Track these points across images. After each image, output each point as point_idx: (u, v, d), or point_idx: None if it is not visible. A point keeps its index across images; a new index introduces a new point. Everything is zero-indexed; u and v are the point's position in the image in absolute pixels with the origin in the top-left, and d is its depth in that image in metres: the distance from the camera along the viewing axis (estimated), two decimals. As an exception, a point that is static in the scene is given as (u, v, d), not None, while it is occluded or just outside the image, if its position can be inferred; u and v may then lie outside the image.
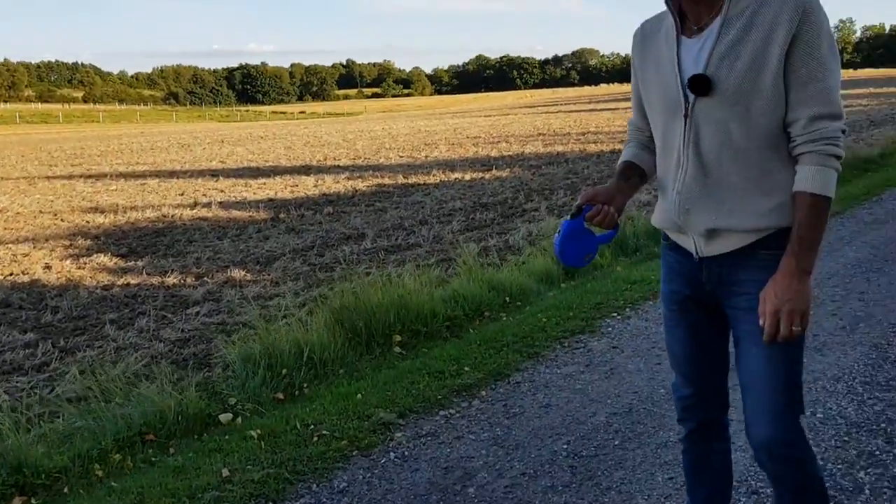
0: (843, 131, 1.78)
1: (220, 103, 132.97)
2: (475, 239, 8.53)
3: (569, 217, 1.95)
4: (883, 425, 3.14)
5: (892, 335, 4.18)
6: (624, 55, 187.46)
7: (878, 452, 2.92)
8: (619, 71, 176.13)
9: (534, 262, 6.23)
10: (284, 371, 4.08)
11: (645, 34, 2.00)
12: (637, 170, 2.07)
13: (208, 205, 12.69)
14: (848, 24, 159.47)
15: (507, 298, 5.26)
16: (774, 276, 1.75)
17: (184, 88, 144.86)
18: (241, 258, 8.40)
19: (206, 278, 7.55)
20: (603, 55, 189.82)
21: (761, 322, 1.74)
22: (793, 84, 1.73)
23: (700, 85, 1.77)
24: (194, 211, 12.14)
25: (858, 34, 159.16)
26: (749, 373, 1.86)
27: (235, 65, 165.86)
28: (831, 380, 3.63)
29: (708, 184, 1.84)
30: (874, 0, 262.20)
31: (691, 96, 1.80)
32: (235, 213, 11.64)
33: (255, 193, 14.04)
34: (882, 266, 5.58)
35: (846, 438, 3.04)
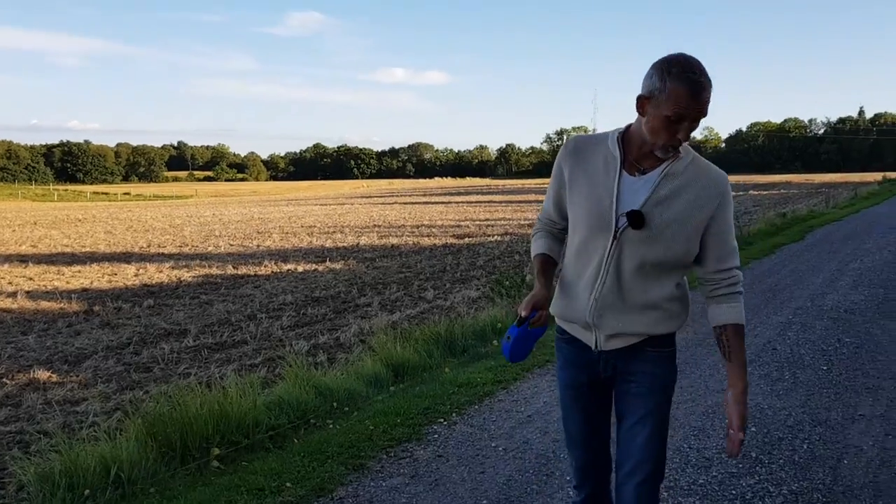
0: (742, 282, 2.30)
1: (37, 181, 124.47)
2: (305, 336, 8.38)
3: (515, 324, 2.24)
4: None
5: (692, 438, 4.47)
6: (457, 151, 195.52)
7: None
8: (452, 165, 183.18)
9: (363, 363, 6.18)
10: (87, 492, 3.73)
11: (578, 147, 2.31)
12: (552, 262, 2.40)
13: (13, 294, 11.68)
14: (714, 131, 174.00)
15: (335, 404, 5.15)
16: (734, 398, 2.20)
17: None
18: (48, 356, 7.74)
19: (4, 379, 6.88)
20: (437, 150, 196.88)
21: (733, 441, 2.18)
22: (712, 242, 2.21)
23: (637, 220, 2.13)
24: (-4, 301, 11.12)
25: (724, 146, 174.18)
26: (633, 446, 2.25)
27: (55, 141, 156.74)
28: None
29: (621, 296, 2.21)
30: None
31: (623, 224, 2.15)
32: (44, 305, 10.78)
33: (68, 282, 13.11)
34: (683, 368, 5.99)
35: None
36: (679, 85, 1.99)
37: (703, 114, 2.04)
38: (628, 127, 2.23)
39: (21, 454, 4.60)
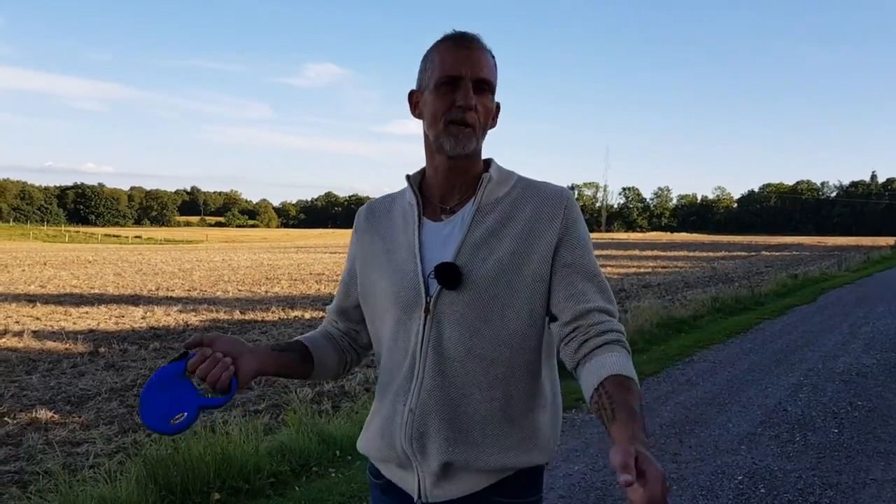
0: (621, 331, 1.50)
1: (49, 222, 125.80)
2: (310, 383, 8.32)
3: (167, 361, 1.49)
4: None
5: (700, 498, 4.39)
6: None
7: None
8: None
9: (368, 412, 6.12)
10: (84, 534, 3.68)
11: (371, 213, 1.71)
12: (302, 351, 1.64)
13: (20, 333, 11.67)
14: (665, 192, 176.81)
15: (338, 452, 5.10)
16: (643, 456, 1.28)
17: (9, 204, 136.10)
18: (51, 396, 7.70)
19: (6, 418, 6.83)
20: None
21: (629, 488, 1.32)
22: (560, 280, 1.49)
23: (448, 275, 1.48)
24: (3, 340, 11.11)
25: (675, 201, 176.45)
26: None
27: (70, 183, 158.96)
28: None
29: (449, 400, 1.49)
30: (687, 172, 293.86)
31: (435, 288, 1.50)
32: (50, 345, 10.77)
33: (74, 323, 13.11)
34: (693, 427, 5.92)
35: None
36: (440, 44, 1.53)
37: (481, 71, 1.50)
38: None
39: (20, 493, 4.54)
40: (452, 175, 1.57)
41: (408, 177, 1.64)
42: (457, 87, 1.49)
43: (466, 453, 1.47)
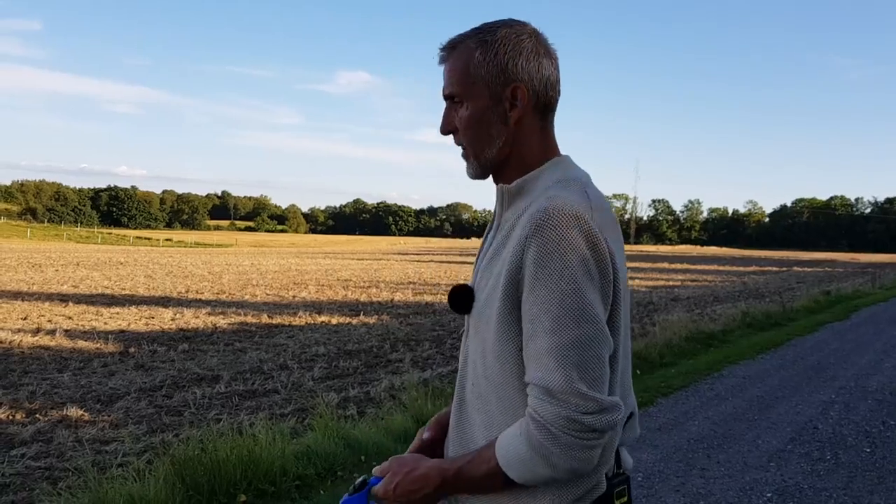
0: (580, 424, 1.18)
1: (82, 223, 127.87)
2: (336, 388, 8.35)
3: (348, 493, 1.44)
4: None
5: (730, 514, 4.34)
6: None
7: None
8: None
9: (393, 417, 6.14)
10: (112, 530, 3.73)
11: None
12: None
13: (52, 332, 11.87)
14: (696, 205, 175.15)
15: (363, 457, 5.11)
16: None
17: (44, 205, 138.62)
18: (81, 394, 7.80)
19: (38, 415, 6.94)
20: (475, 210, 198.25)
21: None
22: (523, 335, 1.27)
23: (455, 299, 1.41)
24: (36, 338, 11.31)
25: (705, 214, 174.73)
26: None
27: (103, 185, 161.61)
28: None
29: (460, 428, 1.42)
30: (718, 185, 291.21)
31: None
32: (81, 344, 10.93)
33: (105, 323, 13.29)
34: (722, 443, 5.85)
35: None
36: None
37: (445, 87, 1.41)
38: None
39: (50, 488, 4.61)
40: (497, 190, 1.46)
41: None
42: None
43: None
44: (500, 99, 1.37)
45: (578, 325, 1.19)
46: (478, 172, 1.42)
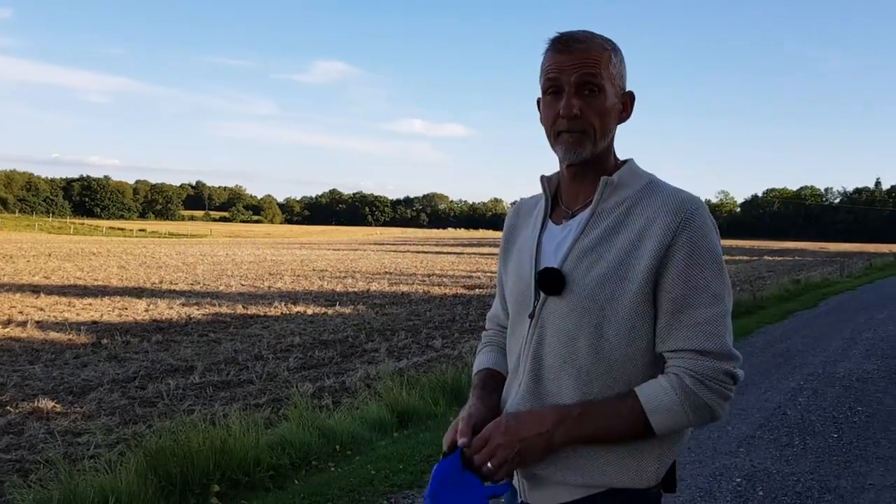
0: (733, 377, 1.41)
1: (54, 214, 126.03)
2: (311, 378, 8.35)
3: (442, 456, 1.47)
4: None
5: (699, 499, 4.40)
6: (472, 203, 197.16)
7: None
8: (466, 217, 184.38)
9: (368, 407, 6.15)
10: (84, 522, 3.70)
11: (519, 213, 1.71)
12: (500, 380, 1.64)
13: (24, 324, 11.72)
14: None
15: (338, 447, 5.12)
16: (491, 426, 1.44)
17: (15, 195, 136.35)
18: (53, 386, 7.73)
19: (8, 407, 6.87)
20: (452, 201, 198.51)
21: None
22: (664, 309, 1.42)
23: (550, 281, 1.46)
24: (7, 329, 11.17)
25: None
26: None
27: (76, 175, 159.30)
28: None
29: (541, 403, 1.48)
30: (689, 175, 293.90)
31: (542, 293, 1.49)
32: (53, 335, 10.81)
33: (78, 314, 13.16)
34: (692, 429, 5.92)
35: None
36: (546, 50, 1.51)
37: (583, 71, 1.46)
38: None
39: (21, 481, 4.57)
40: (575, 180, 1.55)
41: (542, 178, 1.63)
42: (560, 94, 1.48)
43: (551, 466, 1.45)
44: (619, 101, 1.54)
45: (729, 299, 1.44)
46: (588, 156, 1.50)
